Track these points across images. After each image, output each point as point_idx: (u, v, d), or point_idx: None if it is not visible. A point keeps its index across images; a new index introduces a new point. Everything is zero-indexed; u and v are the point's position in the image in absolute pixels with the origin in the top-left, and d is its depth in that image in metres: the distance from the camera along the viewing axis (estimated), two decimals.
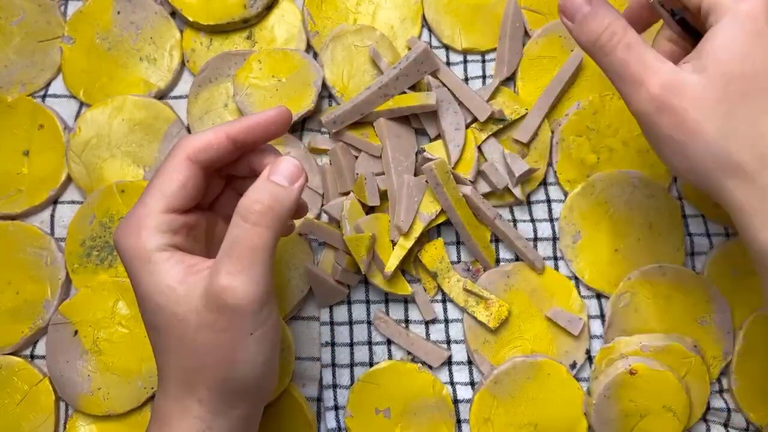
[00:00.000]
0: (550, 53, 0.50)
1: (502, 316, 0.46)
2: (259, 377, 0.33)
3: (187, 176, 0.33)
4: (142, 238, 0.32)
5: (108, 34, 0.52)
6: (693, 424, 0.45)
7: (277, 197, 0.32)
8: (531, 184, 0.49)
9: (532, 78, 0.50)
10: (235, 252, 0.31)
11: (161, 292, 0.32)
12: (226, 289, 0.30)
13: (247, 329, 0.31)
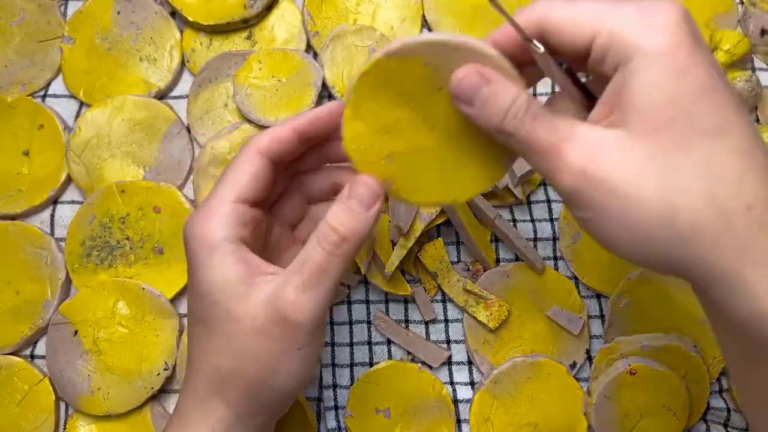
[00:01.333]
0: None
1: (502, 316, 0.46)
2: (293, 390, 0.33)
3: (259, 167, 0.33)
4: (212, 226, 0.32)
5: (108, 34, 0.52)
6: (693, 424, 0.45)
7: (351, 228, 0.31)
8: (531, 185, 0.49)
9: None
10: (305, 270, 0.31)
11: (221, 286, 0.31)
12: (293, 303, 0.31)
13: (298, 344, 0.31)
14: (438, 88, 0.30)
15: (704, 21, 0.52)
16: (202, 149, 0.50)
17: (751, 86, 0.49)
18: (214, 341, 0.32)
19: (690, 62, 0.24)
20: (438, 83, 0.30)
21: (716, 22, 0.52)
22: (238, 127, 0.49)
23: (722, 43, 0.49)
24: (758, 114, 0.51)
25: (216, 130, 0.50)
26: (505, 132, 0.28)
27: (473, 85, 0.28)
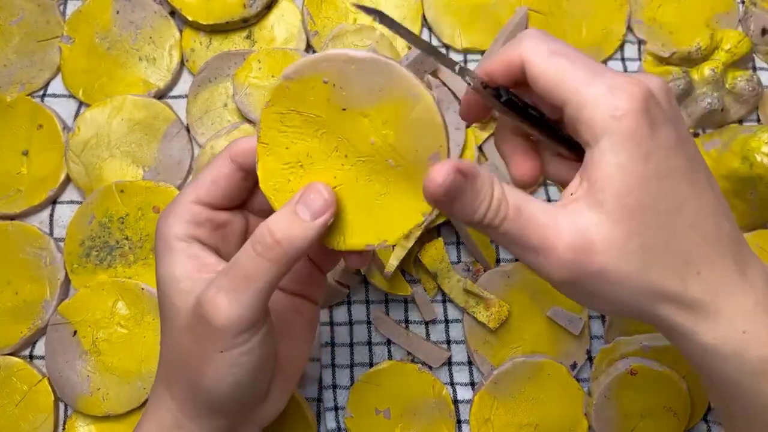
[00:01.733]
0: None
1: (503, 317, 0.46)
2: (227, 396, 0.32)
3: (221, 173, 0.33)
4: (168, 223, 0.33)
5: (107, 34, 0.51)
6: (694, 425, 0.45)
7: (288, 234, 0.30)
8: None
9: None
10: (231, 272, 0.30)
11: (168, 280, 0.32)
12: (212, 303, 0.30)
13: (217, 347, 0.31)
14: (342, 108, 0.29)
15: (705, 20, 0.52)
16: (201, 149, 0.50)
17: (752, 86, 0.49)
18: (163, 333, 0.34)
19: (651, 147, 0.27)
20: (341, 103, 0.29)
21: (717, 21, 0.52)
22: (238, 127, 0.49)
23: (723, 42, 0.49)
24: (759, 114, 0.51)
25: (215, 130, 0.50)
26: (487, 227, 0.28)
27: (451, 181, 0.27)
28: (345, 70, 0.29)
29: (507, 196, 0.28)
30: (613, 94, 0.27)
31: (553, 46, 0.29)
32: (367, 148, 0.30)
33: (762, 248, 0.47)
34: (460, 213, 0.28)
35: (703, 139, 0.49)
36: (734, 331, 0.27)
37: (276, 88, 0.30)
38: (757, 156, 0.44)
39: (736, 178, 0.45)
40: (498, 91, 0.30)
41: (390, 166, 0.30)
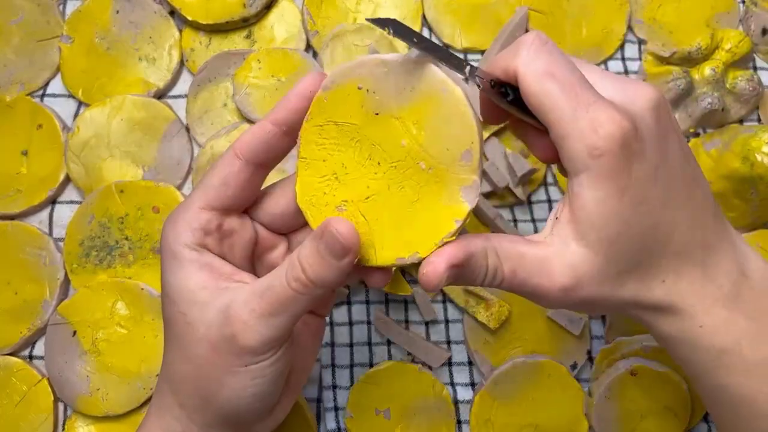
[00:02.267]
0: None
1: (503, 317, 0.45)
2: (243, 409, 0.32)
3: (231, 172, 0.32)
4: (176, 231, 0.32)
5: (107, 34, 0.51)
6: (694, 425, 0.45)
7: (320, 275, 0.30)
8: (532, 185, 0.49)
9: None
10: (266, 297, 0.30)
11: (181, 291, 0.31)
12: (244, 324, 0.30)
13: (243, 362, 0.31)
14: (375, 113, 0.29)
15: (705, 20, 0.52)
16: (201, 149, 0.49)
17: (752, 86, 0.49)
18: (172, 343, 0.32)
19: (627, 182, 0.28)
20: (374, 107, 0.29)
21: (717, 21, 0.52)
22: (238, 127, 0.49)
23: (723, 42, 0.49)
24: (759, 114, 0.51)
25: (215, 130, 0.50)
26: (488, 286, 0.31)
27: (451, 279, 0.29)
28: (377, 73, 0.29)
29: (501, 263, 0.30)
30: (595, 132, 0.28)
31: (548, 63, 0.29)
32: (398, 152, 0.30)
33: (762, 248, 0.47)
34: (461, 285, 0.31)
35: (703, 139, 0.49)
36: (692, 326, 0.31)
37: (314, 101, 0.30)
38: (758, 156, 0.44)
39: (737, 178, 0.45)
40: (505, 90, 0.31)
41: (422, 169, 0.29)
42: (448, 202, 0.29)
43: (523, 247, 0.30)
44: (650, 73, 0.50)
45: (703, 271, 0.31)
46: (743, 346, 0.30)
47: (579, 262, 0.29)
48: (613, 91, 0.30)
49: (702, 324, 0.30)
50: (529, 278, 0.30)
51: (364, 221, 0.30)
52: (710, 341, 0.30)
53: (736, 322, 0.30)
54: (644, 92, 0.30)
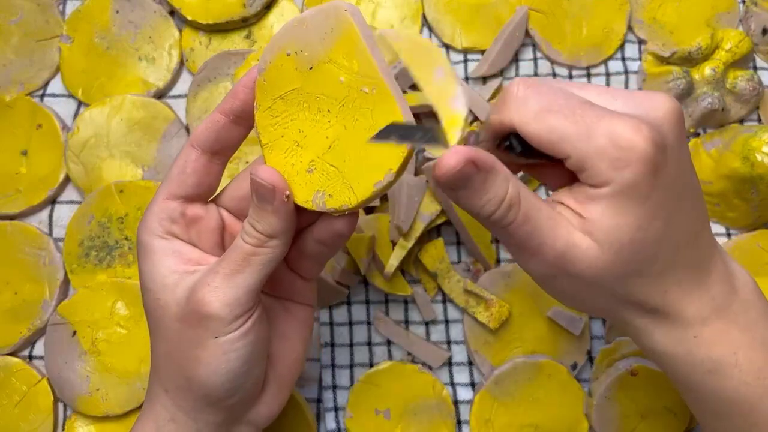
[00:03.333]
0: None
1: (503, 317, 0.45)
2: (222, 386, 0.32)
3: (187, 161, 0.34)
4: (145, 223, 0.34)
5: (107, 34, 0.51)
6: (694, 425, 0.45)
7: (265, 225, 0.31)
8: (531, 185, 0.49)
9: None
10: (227, 258, 0.32)
11: (153, 277, 0.33)
12: (209, 287, 0.31)
13: (212, 333, 0.31)
14: (309, 68, 0.30)
15: (705, 20, 0.52)
16: None
17: (752, 85, 0.49)
18: (152, 330, 0.34)
19: (650, 191, 0.28)
20: (306, 63, 0.30)
21: (718, 21, 0.52)
22: None
23: (724, 42, 0.49)
24: (760, 113, 0.51)
25: None
26: (493, 223, 0.29)
27: (464, 177, 0.27)
28: (298, 33, 0.30)
29: (521, 201, 0.28)
30: (615, 145, 0.27)
31: (538, 100, 0.29)
32: (341, 90, 0.30)
33: (763, 248, 0.47)
34: (465, 204, 0.29)
35: (703, 139, 0.49)
36: (687, 336, 0.30)
37: (257, 89, 0.32)
38: (758, 156, 0.44)
39: (737, 178, 0.45)
40: (510, 143, 0.30)
41: (366, 93, 0.30)
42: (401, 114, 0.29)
43: (540, 202, 0.29)
44: (650, 73, 0.50)
45: (700, 282, 0.31)
46: (739, 356, 0.30)
47: (584, 247, 0.29)
48: (629, 105, 0.29)
49: (697, 334, 0.30)
50: (536, 231, 0.29)
51: (334, 170, 0.31)
52: (706, 352, 0.30)
53: (730, 333, 0.31)
54: (660, 102, 0.29)
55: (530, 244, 0.29)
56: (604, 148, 0.27)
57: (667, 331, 0.31)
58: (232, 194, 0.36)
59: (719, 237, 0.48)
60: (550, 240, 0.29)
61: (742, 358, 0.30)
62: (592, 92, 0.30)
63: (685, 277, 0.30)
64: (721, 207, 0.48)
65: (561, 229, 0.29)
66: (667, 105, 0.29)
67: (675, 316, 0.30)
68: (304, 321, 0.37)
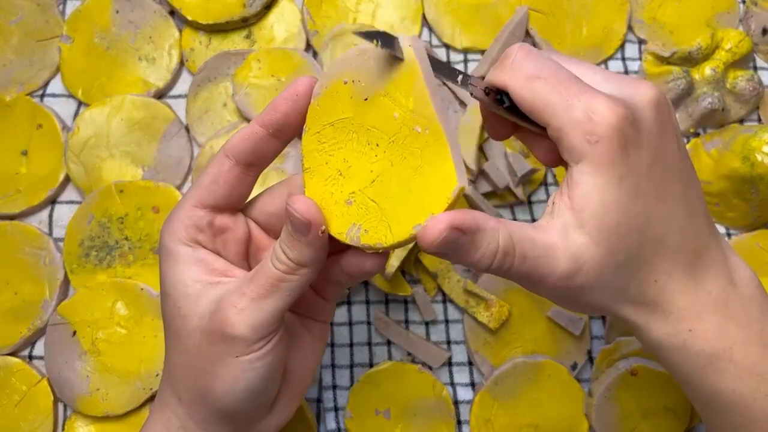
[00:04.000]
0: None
1: (503, 317, 0.45)
2: (238, 402, 0.32)
3: (220, 171, 0.33)
4: (170, 229, 0.33)
5: (107, 34, 0.51)
6: (694, 426, 0.45)
7: (296, 254, 0.30)
8: (532, 185, 0.49)
9: None
10: (256, 280, 0.31)
11: (175, 285, 0.32)
12: (235, 309, 0.31)
13: (234, 351, 0.31)
14: (364, 99, 0.30)
15: (706, 20, 0.52)
16: (201, 149, 0.49)
17: (753, 85, 0.49)
18: (170, 338, 0.34)
19: (624, 171, 0.29)
20: (362, 94, 0.30)
21: (718, 21, 0.52)
22: (237, 127, 0.49)
23: (724, 42, 0.49)
24: (760, 113, 0.51)
25: (215, 130, 0.50)
26: (495, 271, 0.30)
27: (450, 244, 0.28)
28: (359, 63, 0.30)
29: (515, 246, 0.29)
30: (589, 119, 0.28)
31: (533, 67, 0.30)
32: (393, 126, 0.29)
33: (763, 248, 0.47)
34: (460, 263, 0.30)
35: (703, 139, 0.49)
36: (681, 329, 0.31)
37: (309, 111, 0.31)
38: (758, 156, 0.44)
39: (737, 178, 0.45)
40: (501, 97, 0.31)
41: (418, 133, 0.29)
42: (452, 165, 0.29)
43: (531, 233, 0.30)
44: (650, 73, 0.50)
45: (693, 274, 0.31)
46: (734, 351, 0.30)
47: (580, 250, 0.29)
48: (613, 87, 0.31)
49: (692, 328, 0.31)
50: (536, 264, 0.29)
51: (374, 205, 0.30)
52: (701, 346, 0.31)
53: (726, 327, 0.31)
54: (644, 89, 0.30)
55: (533, 277, 0.30)
56: (580, 120, 0.28)
57: (663, 324, 0.31)
58: (262, 208, 0.35)
59: None
60: (550, 268, 0.29)
61: (737, 353, 0.30)
62: (586, 71, 0.31)
63: (674, 266, 0.31)
64: (721, 207, 0.48)
65: (559, 250, 0.29)
66: (650, 92, 0.30)
67: (669, 309, 0.31)
68: (320, 337, 0.37)
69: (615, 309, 0.31)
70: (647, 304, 0.31)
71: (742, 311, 0.31)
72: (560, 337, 0.46)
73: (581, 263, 0.29)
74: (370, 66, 0.30)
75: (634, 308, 0.31)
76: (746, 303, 0.32)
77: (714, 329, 0.31)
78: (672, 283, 0.31)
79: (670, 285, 0.31)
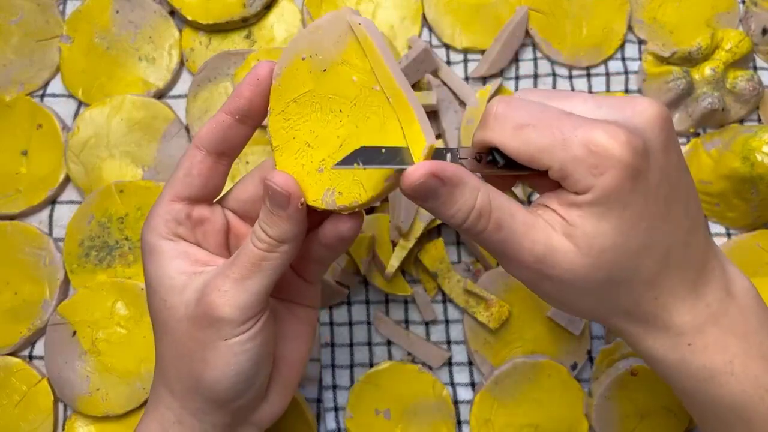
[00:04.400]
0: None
1: (503, 317, 0.45)
2: (229, 388, 0.32)
3: (192, 162, 0.34)
4: (150, 226, 0.34)
5: (107, 34, 0.51)
6: (694, 425, 0.45)
7: (276, 230, 0.31)
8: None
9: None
10: (238, 261, 0.31)
11: (160, 279, 0.33)
12: (219, 292, 0.31)
13: (222, 335, 0.31)
14: (323, 70, 0.31)
15: (705, 20, 0.52)
16: None
17: (752, 85, 0.49)
18: (158, 332, 0.34)
19: (630, 198, 0.28)
20: (320, 66, 0.31)
21: (718, 21, 0.52)
22: None
23: (724, 42, 0.49)
24: (760, 113, 0.51)
25: None
26: (467, 231, 0.29)
27: (427, 190, 0.28)
28: (314, 38, 0.31)
29: (492, 209, 0.29)
30: (591, 153, 0.28)
31: (516, 116, 0.29)
32: (353, 90, 0.30)
33: (763, 248, 0.47)
34: (435, 213, 0.30)
35: (703, 139, 0.49)
36: (680, 344, 0.30)
37: (272, 92, 0.32)
38: (758, 156, 0.44)
39: (737, 178, 0.45)
40: (493, 157, 0.31)
41: (377, 91, 0.30)
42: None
43: (515, 207, 0.29)
44: (650, 73, 0.50)
45: (694, 289, 0.31)
46: (735, 365, 0.30)
47: (563, 251, 0.29)
48: (609, 112, 0.29)
49: (691, 342, 0.30)
50: (511, 238, 0.29)
51: (343, 171, 0.31)
52: (701, 360, 0.30)
53: (726, 340, 0.30)
54: (643, 106, 0.29)
55: (507, 250, 0.29)
56: (581, 156, 0.28)
57: (660, 338, 0.30)
58: (237, 196, 0.36)
59: (719, 237, 0.48)
60: (527, 244, 0.29)
61: (737, 366, 0.30)
62: (576, 102, 0.30)
63: (678, 283, 0.30)
64: (721, 207, 0.48)
65: (538, 233, 0.29)
66: (651, 109, 0.29)
67: (668, 324, 0.30)
68: (307, 322, 0.37)
69: (606, 317, 0.31)
70: (642, 317, 0.30)
71: (741, 323, 0.31)
72: (560, 337, 0.46)
73: (557, 256, 0.29)
74: (325, 39, 0.31)
75: (628, 319, 0.31)
76: (745, 314, 0.31)
77: (714, 342, 0.30)
78: (674, 300, 0.30)
79: (672, 301, 0.30)
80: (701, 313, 0.30)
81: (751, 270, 0.45)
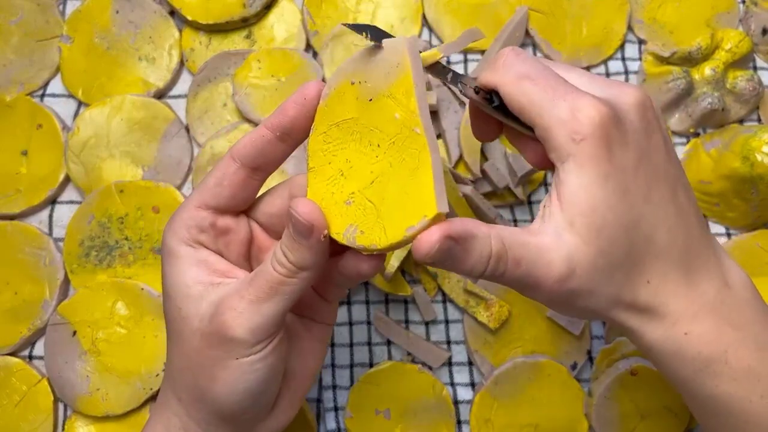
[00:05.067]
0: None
1: (503, 317, 0.45)
2: (237, 404, 0.32)
3: (225, 173, 0.33)
4: (172, 229, 0.33)
5: (107, 34, 0.51)
6: (694, 425, 0.45)
7: (296, 257, 0.30)
8: (532, 185, 0.49)
9: None
10: (256, 283, 0.31)
11: (177, 286, 0.32)
12: (234, 312, 0.31)
13: (233, 354, 0.31)
14: (369, 99, 0.30)
15: (705, 20, 0.52)
16: (201, 149, 0.49)
17: (752, 85, 0.49)
18: (170, 338, 0.34)
19: (609, 169, 0.29)
20: (367, 95, 0.30)
21: (718, 21, 0.52)
22: (237, 127, 0.49)
23: (724, 42, 0.49)
24: (759, 113, 0.51)
25: (215, 130, 0.50)
26: (489, 277, 0.30)
27: (444, 254, 0.28)
28: (365, 63, 0.30)
29: (507, 251, 0.29)
30: (575, 117, 0.29)
31: (522, 67, 0.31)
32: (394, 127, 0.29)
33: (763, 248, 0.47)
34: (452, 270, 0.30)
35: (703, 139, 0.49)
36: (677, 332, 0.31)
37: (317, 111, 0.32)
38: (758, 156, 0.44)
39: (737, 178, 0.45)
40: (491, 97, 0.32)
41: (418, 134, 0.29)
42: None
43: (524, 237, 0.30)
44: (650, 73, 0.50)
45: (687, 276, 0.31)
46: (729, 354, 0.30)
47: (573, 251, 0.29)
48: (599, 89, 0.31)
49: (687, 331, 0.30)
50: (531, 268, 0.29)
51: (372, 206, 0.30)
52: (696, 349, 0.30)
53: (721, 330, 0.31)
54: (629, 91, 0.31)
55: (528, 282, 0.30)
56: (565, 119, 0.29)
57: (658, 328, 0.31)
58: (264, 209, 0.35)
59: (719, 237, 0.48)
60: (544, 271, 0.29)
61: (732, 355, 0.30)
62: (574, 75, 0.32)
63: (670, 268, 0.31)
64: (721, 207, 0.48)
65: (552, 254, 0.29)
66: (634, 94, 0.31)
67: (664, 312, 0.31)
68: (321, 339, 0.37)
69: (609, 313, 0.31)
70: (641, 308, 0.31)
71: (736, 313, 0.31)
72: (560, 337, 0.46)
73: (574, 265, 0.29)
74: (377, 67, 0.30)
75: (629, 313, 0.31)
76: (740, 305, 0.31)
77: (709, 332, 0.30)
78: (666, 284, 0.31)
79: (664, 287, 0.31)
80: (696, 301, 0.31)
81: (751, 270, 0.45)
